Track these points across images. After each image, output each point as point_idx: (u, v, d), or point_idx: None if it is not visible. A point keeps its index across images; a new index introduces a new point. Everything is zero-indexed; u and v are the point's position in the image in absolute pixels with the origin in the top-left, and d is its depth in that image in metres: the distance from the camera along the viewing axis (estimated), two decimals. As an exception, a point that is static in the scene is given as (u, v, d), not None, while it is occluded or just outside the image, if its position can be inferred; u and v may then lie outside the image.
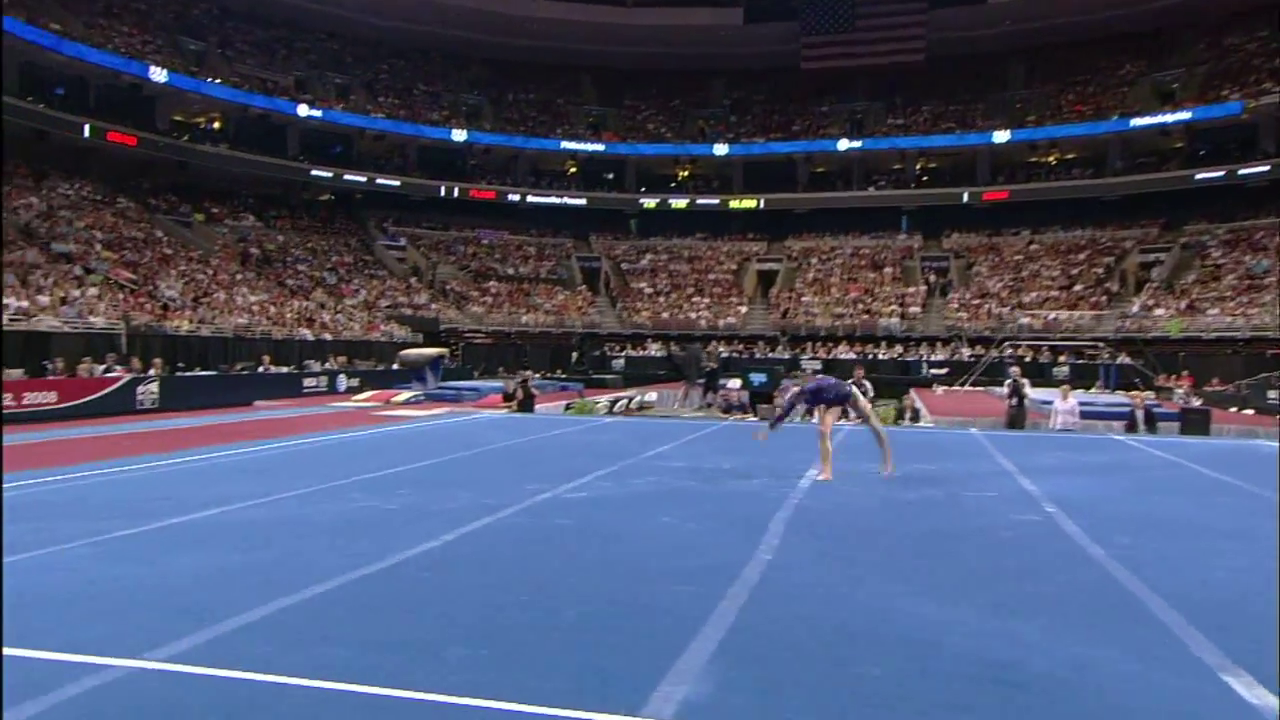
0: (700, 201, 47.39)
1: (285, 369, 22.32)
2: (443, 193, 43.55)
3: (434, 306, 37.13)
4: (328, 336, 27.89)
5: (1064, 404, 14.39)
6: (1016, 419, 15.74)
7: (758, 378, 22.85)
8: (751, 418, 16.12)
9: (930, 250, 45.23)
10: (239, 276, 30.46)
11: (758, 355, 36.14)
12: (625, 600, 4.00)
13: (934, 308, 40.08)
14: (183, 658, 3.16)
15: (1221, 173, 37.26)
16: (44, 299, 20.09)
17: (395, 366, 25.81)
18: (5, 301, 18.94)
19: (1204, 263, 36.57)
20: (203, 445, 10.17)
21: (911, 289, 41.68)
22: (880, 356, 35.29)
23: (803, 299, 41.81)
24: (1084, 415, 14.92)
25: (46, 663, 3.13)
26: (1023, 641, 3.47)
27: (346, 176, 40.98)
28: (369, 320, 32.13)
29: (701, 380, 20.85)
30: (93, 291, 22.09)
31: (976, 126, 44.76)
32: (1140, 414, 14.12)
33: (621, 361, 35.80)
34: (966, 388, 24.69)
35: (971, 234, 45.40)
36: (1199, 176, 38.16)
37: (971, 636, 3.53)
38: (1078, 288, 38.23)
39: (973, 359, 33.54)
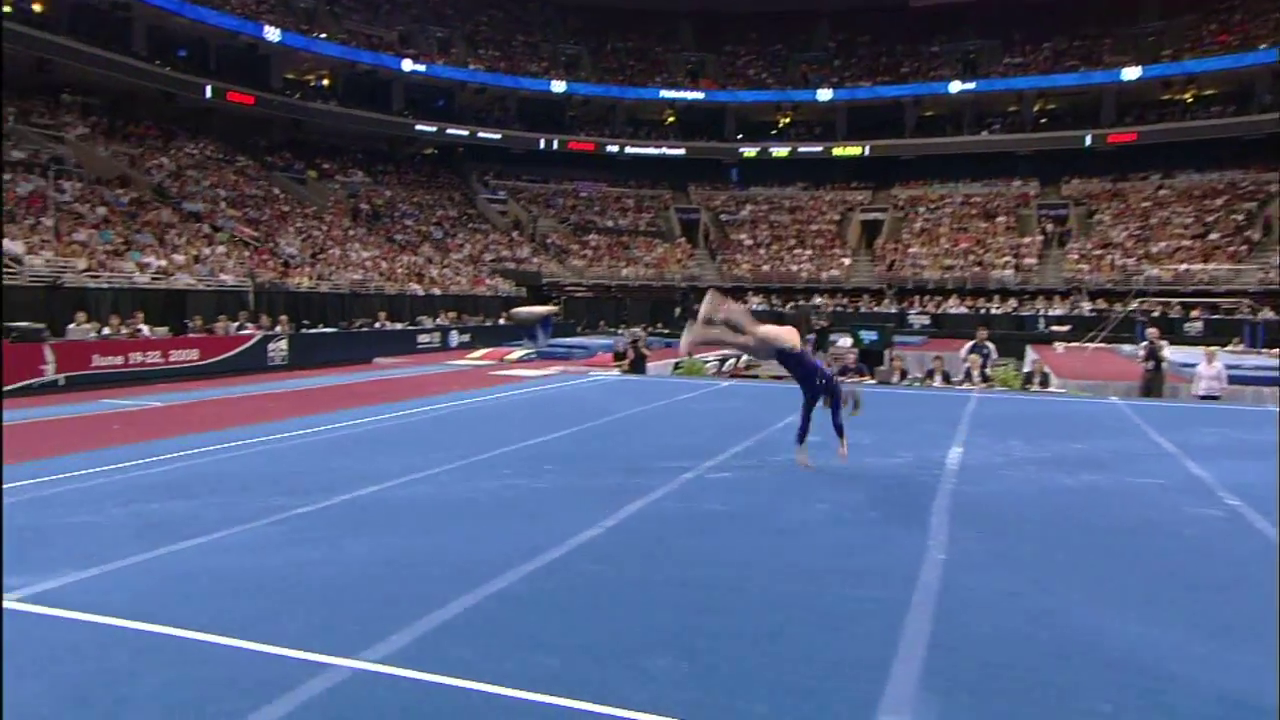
0: (802, 149, 46.19)
1: (400, 325, 22.96)
2: (542, 145, 43.74)
3: (536, 260, 37.54)
4: (436, 291, 28.55)
5: (1208, 368, 13.49)
6: (1153, 384, 14.86)
7: (868, 335, 22.17)
8: (869, 380, 15.70)
9: (1048, 197, 43.00)
10: (350, 232, 31.39)
11: (863, 309, 35.30)
12: (809, 606, 3.92)
13: (1051, 259, 38.18)
14: (397, 659, 3.24)
15: (1390, 107, 33.87)
16: (179, 258, 21.14)
17: (502, 322, 26.35)
18: (146, 260, 20.02)
19: (1363, 208, 33.57)
20: (341, 408, 10.56)
21: (1027, 239, 39.77)
22: (993, 311, 33.94)
23: (910, 250, 40.45)
24: (1231, 380, 13.99)
25: (270, 659, 3.26)
26: (1260, 674, 3.23)
27: (449, 131, 41.53)
28: (474, 274, 32.73)
29: (811, 337, 20.45)
30: (221, 249, 23.13)
31: (1103, 63, 41.89)
32: (1303, 382, 13.09)
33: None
34: (1094, 345, 23.44)
35: (1094, 179, 42.89)
36: (1363, 111, 34.84)
37: (1198, 664, 3.31)
38: (1213, 236, 35.71)
39: (1094, 314, 31.90)
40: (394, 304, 25.54)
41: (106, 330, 15.39)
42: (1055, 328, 28.57)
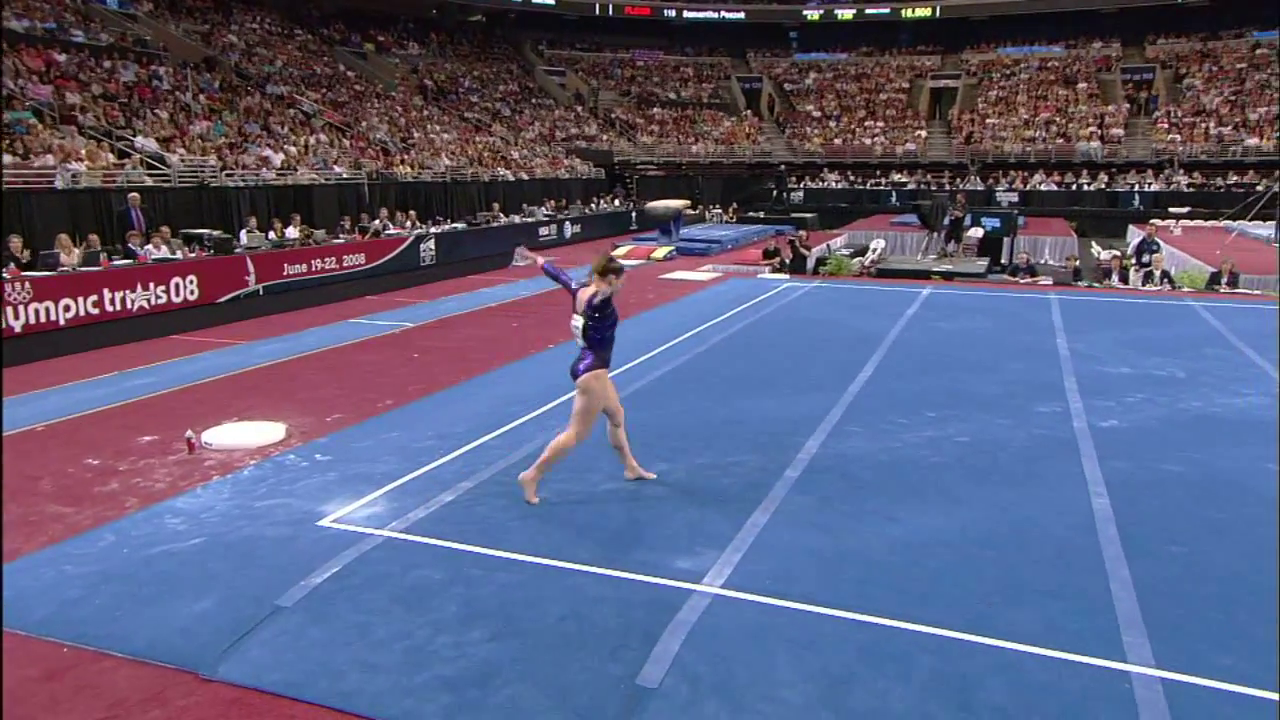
0: (869, 11, 44.10)
1: (517, 218, 22.65)
2: (597, 10, 41.87)
3: (605, 138, 36.60)
4: (524, 176, 28.02)
5: None
6: None
7: (990, 222, 21.89)
8: (1044, 281, 15.68)
9: (1131, 60, 41.45)
10: (425, 112, 30.49)
11: (946, 187, 34.64)
12: None
13: (1138, 129, 37.16)
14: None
15: None
16: (291, 149, 20.65)
17: (601, 208, 25.99)
18: (264, 154, 19.59)
19: None
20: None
21: (1111, 107, 38.58)
22: (1085, 187, 33.36)
23: (988, 121, 39.31)
24: None
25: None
26: None
27: (503, -6, 39.67)
28: (551, 155, 32.00)
29: (946, 226, 20.25)
30: (324, 138, 22.57)
31: (1205, -91, 39.32)
32: None
33: (800, 195, 34.95)
34: (1237, 225, 22.90)
35: (1181, 39, 41.19)
36: None
37: None
38: (1318, 102, 34.53)
39: (1191, 189, 31.37)
40: (490, 192, 25.14)
41: (272, 235, 15.26)
42: (1176, 208, 27.92)
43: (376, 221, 17.85)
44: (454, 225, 19.91)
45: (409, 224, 19.13)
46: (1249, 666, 3.47)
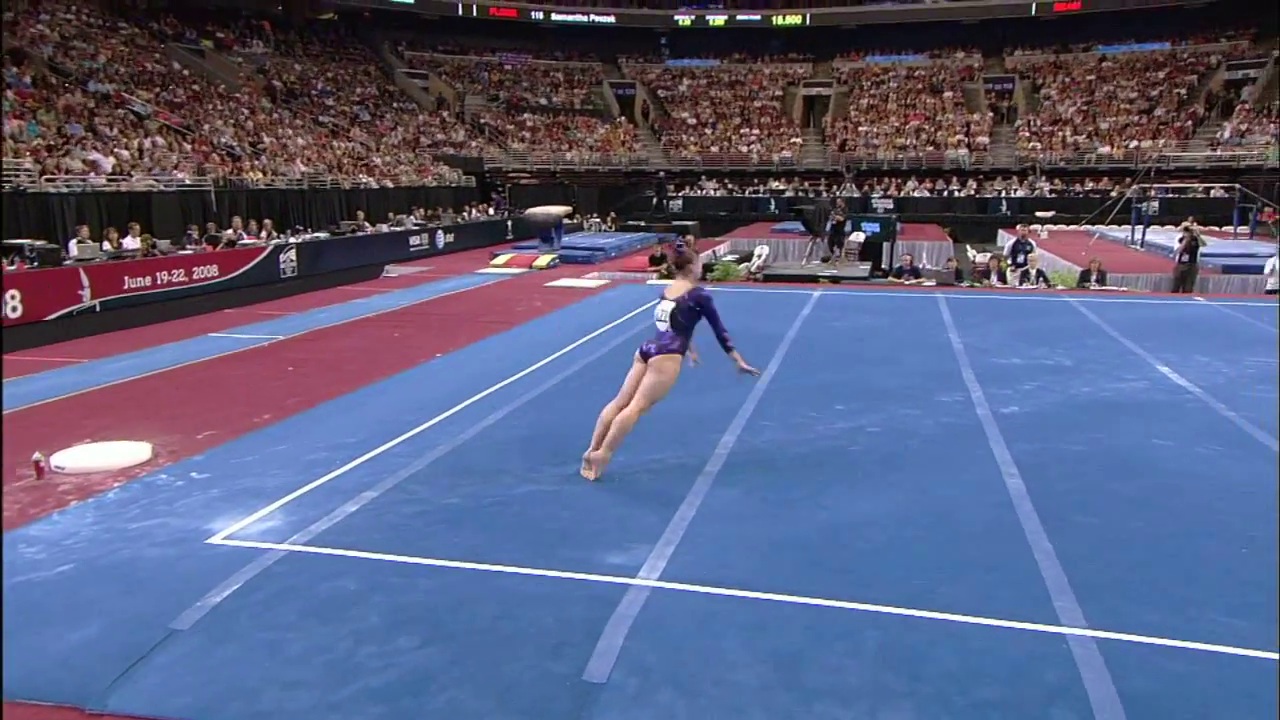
0: (740, 18, 45.70)
1: (385, 228, 22.09)
2: (460, 11, 41.58)
3: (474, 144, 36.27)
4: (389, 183, 27.41)
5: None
6: (1187, 277, 16.28)
7: (870, 226, 22.98)
8: (928, 282, 16.57)
9: (992, 70, 44.55)
10: (275, 115, 29.39)
11: (824, 194, 36.06)
12: None
13: (1003, 137, 39.90)
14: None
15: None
16: (124, 153, 19.46)
17: (475, 217, 25.71)
18: (92, 158, 18.42)
19: (1304, 81, 36.27)
20: (485, 336, 10.51)
21: (976, 116, 41.29)
22: (956, 193, 35.48)
23: (860, 129, 41.28)
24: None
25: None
26: None
27: (356, -9, 38.82)
28: (417, 163, 31.43)
29: (829, 231, 21.07)
30: (160, 141, 21.38)
31: (1054, -72, 42.83)
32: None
33: (679, 203, 35.62)
34: (1097, 229, 24.89)
35: (1036, 51, 44.63)
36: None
37: None
38: (1159, 111, 38.06)
39: (1053, 194, 33.89)
40: (354, 200, 24.45)
41: (107, 245, 14.32)
42: (1042, 213, 30.01)
43: (229, 231, 17.04)
44: (316, 235, 19.22)
45: (265, 234, 18.38)
46: (1176, 620, 3.76)
